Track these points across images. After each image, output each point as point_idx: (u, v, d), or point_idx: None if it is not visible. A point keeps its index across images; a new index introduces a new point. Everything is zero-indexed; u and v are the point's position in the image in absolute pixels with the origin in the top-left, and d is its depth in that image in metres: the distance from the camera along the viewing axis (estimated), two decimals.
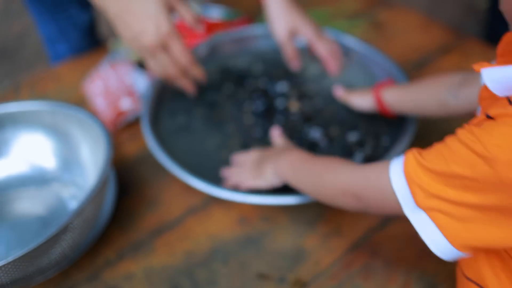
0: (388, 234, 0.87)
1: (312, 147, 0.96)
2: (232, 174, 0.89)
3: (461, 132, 0.51)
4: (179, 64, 0.91)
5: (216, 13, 1.33)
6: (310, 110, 1.03)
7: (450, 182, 0.51)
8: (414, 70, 1.19)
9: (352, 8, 1.36)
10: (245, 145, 0.98)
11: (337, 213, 0.90)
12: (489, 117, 0.49)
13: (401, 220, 0.58)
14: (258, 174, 0.85)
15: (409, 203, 0.56)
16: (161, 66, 0.91)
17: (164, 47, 0.89)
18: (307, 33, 1.05)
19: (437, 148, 0.54)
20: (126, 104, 1.05)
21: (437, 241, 0.54)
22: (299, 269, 0.83)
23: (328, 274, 0.82)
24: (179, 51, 0.90)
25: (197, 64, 0.95)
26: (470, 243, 0.52)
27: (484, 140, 0.48)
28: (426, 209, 0.54)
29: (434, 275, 0.81)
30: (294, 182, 0.80)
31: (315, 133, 0.98)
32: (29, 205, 0.90)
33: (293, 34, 1.05)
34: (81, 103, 1.12)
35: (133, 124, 1.07)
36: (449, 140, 0.53)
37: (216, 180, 0.90)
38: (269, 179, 0.84)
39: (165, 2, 0.86)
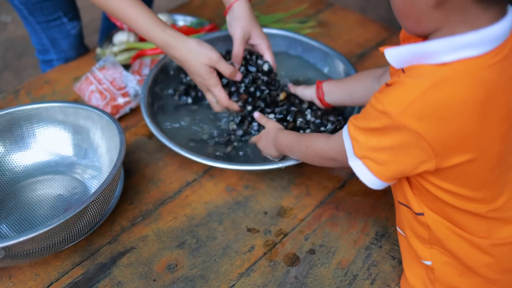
0: (348, 192, 1.10)
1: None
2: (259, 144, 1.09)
3: (371, 99, 0.74)
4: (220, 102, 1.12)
5: (185, 22, 1.53)
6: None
7: (370, 133, 0.74)
8: (356, 61, 1.42)
9: (302, 11, 1.59)
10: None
11: (306, 179, 1.12)
12: (387, 85, 0.72)
13: (357, 181, 0.79)
14: (269, 150, 1.06)
15: (351, 154, 0.78)
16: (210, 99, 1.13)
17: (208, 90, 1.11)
18: (260, 39, 1.22)
19: (362, 112, 0.76)
20: (120, 100, 1.23)
21: (369, 179, 0.76)
22: (280, 223, 1.04)
23: (303, 225, 1.04)
24: (217, 96, 1.11)
25: (233, 103, 1.13)
26: (390, 175, 0.75)
27: (383, 101, 0.70)
28: (361, 157, 0.76)
29: (385, 220, 1.04)
30: (289, 155, 1.02)
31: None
32: (54, 187, 1.07)
33: (247, 38, 1.23)
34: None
35: (126, 116, 1.25)
36: (367, 105, 0.75)
37: (206, 155, 1.09)
38: (275, 153, 1.05)
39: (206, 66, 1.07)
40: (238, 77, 1.13)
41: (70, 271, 0.96)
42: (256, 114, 1.13)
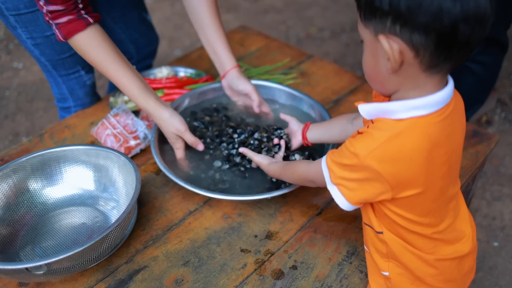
0: (324, 218, 1.31)
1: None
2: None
3: (346, 141, 0.96)
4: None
5: (185, 73, 1.76)
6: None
7: (343, 167, 0.95)
8: (332, 106, 1.66)
9: (285, 64, 1.83)
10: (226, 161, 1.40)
11: (289, 207, 1.33)
12: (359, 133, 0.95)
13: (332, 208, 0.99)
14: None
15: (328, 181, 1.00)
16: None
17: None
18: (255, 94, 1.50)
19: (338, 150, 0.98)
20: (132, 142, 1.45)
21: (342, 201, 0.98)
22: (268, 244, 1.25)
23: (287, 246, 1.25)
24: (176, 154, 1.39)
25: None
26: (357, 200, 0.96)
27: (354, 145, 0.92)
28: (336, 184, 0.98)
29: (355, 241, 1.26)
30: (278, 178, 1.24)
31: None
32: (78, 217, 1.29)
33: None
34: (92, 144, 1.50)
35: (137, 155, 1.47)
36: (343, 146, 0.97)
37: (205, 187, 1.30)
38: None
39: (175, 133, 1.37)
40: (200, 147, 1.39)
41: (94, 286, 1.16)
42: (242, 149, 1.36)
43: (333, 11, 1.53)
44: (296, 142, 1.38)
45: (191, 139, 1.37)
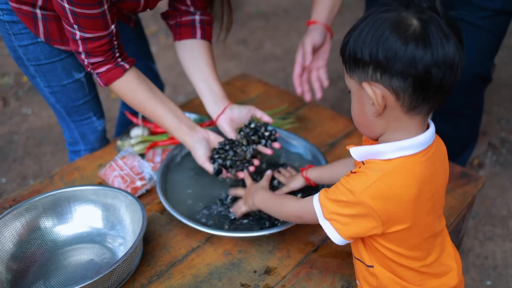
0: (320, 255, 1.38)
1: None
2: (235, 206, 1.41)
3: (341, 180, 1.04)
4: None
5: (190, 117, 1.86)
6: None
7: (337, 203, 1.03)
8: (328, 149, 1.75)
9: (283, 109, 1.94)
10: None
11: (287, 244, 1.40)
12: (352, 172, 1.04)
13: (327, 245, 1.05)
14: (246, 205, 1.37)
15: (321, 216, 1.08)
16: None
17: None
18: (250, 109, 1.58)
19: (333, 188, 1.06)
20: (138, 183, 1.54)
21: (334, 236, 1.05)
22: (267, 279, 1.32)
23: (285, 281, 1.31)
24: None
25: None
26: (350, 235, 1.04)
27: (349, 182, 1.01)
28: (329, 219, 1.05)
29: (349, 276, 1.32)
30: (264, 210, 1.31)
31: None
32: (87, 254, 1.36)
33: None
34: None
35: (143, 195, 1.55)
36: (338, 184, 1.06)
37: (209, 225, 1.38)
38: (250, 204, 1.35)
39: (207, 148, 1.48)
40: (224, 175, 1.48)
41: None
42: (241, 174, 1.46)
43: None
44: (297, 184, 1.46)
45: (210, 169, 1.46)
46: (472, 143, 2.15)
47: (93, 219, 1.41)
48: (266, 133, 1.52)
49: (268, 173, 1.47)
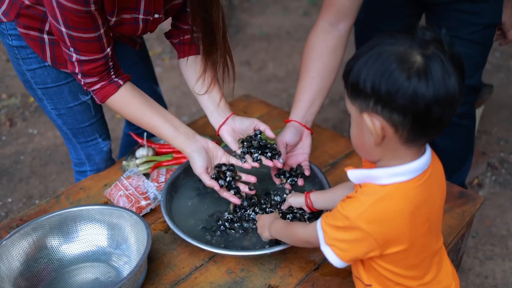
0: (321, 273, 1.41)
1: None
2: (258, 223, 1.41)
3: (338, 205, 1.06)
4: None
5: None
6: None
7: (336, 229, 1.06)
8: (329, 169, 1.78)
9: None
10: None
11: (288, 263, 1.43)
12: (348, 197, 1.06)
13: (328, 264, 1.08)
14: (263, 230, 1.38)
15: (322, 242, 1.10)
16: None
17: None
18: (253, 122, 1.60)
19: (331, 213, 1.09)
20: (143, 202, 1.57)
21: (335, 260, 1.07)
22: None
23: None
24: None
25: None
26: (349, 259, 1.06)
27: (344, 208, 1.03)
28: (329, 245, 1.07)
29: None
30: (278, 238, 1.33)
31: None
32: (92, 272, 1.39)
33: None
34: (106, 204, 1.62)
35: (147, 215, 1.59)
36: (335, 210, 1.08)
37: (212, 244, 1.41)
38: (266, 234, 1.37)
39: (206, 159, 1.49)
40: (216, 188, 1.49)
41: None
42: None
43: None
44: (296, 202, 1.49)
45: (207, 182, 1.48)
46: (470, 155, 2.20)
47: (99, 238, 1.44)
48: (269, 152, 1.55)
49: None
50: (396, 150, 1.00)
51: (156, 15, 1.49)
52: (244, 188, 1.52)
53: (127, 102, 1.48)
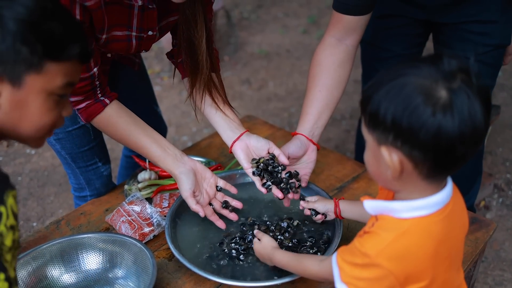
0: None
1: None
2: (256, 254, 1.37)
3: (355, 241, 1.02)
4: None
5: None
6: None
7: (354, 266, 1.00)
8: (336, 193, 1.74)
9: None
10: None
11: None
12: (365, 232, 1.01)
13: None
14: (265, 261, 1.34)
15: (337, 279, 1.04)
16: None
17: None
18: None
19: (349, 249, 1.03)
20: (146, 229, 1.52)
21: None
22: None
23: None
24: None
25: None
26: None
27: (363, 244, 0.98)
28: (346, 283, 1.02)
29: None
30: (285, 269, 1.28)
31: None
32: None
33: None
34: (108, 231, 1.57)
35: (150, 241, 1.53)
36: (352, 245, 1.03)
37: (218, 273, 1.36)
38: (270, 264, 1.33)
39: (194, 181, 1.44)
40: (201, 214, 1.45)
41: None
42: (256, 231, 1.42)
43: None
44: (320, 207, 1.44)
45: (192, 206, 1.44)
46: (479, 177, 2.16)
47: (101, 267, 1.39)
48: (285, 183, 1.52)
49: (255, 232, 1.42)
50: (415, 185, 0.96)
51: (150, 32, 1.46)
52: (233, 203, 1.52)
53: (113, 122, 1.46)
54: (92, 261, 1.39)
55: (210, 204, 1.51)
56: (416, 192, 0.96)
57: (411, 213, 0.96)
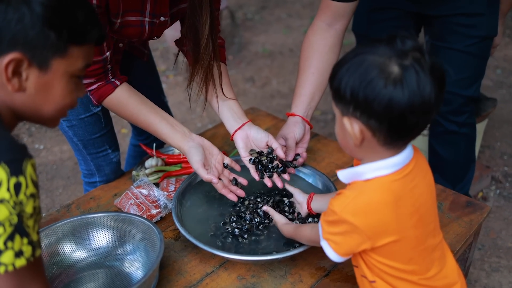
0: (331, 279, 1.42)
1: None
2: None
3: (329, 201, 1.11)
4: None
5: None
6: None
7: (329, 224, 1.11)
8: (337, 179, 1.80)
9: None
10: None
11: (299, 269, 1.44)
12: (337, 194, 1.10)
13: (338, 270, 1.11)
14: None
15: (321, 237, 1.14)
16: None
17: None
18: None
19: (326, 210, 1.12)
20: (153, 211, 1.58)
21: (331, 254, 1.12)
22: None
23: None
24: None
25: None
26: (344, 252, 1.10)
27: (332, 203, 1.08)
28: (326, 239, 1.12)
29: None
30: (293, 238, 1.38)
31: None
32: (106, 278, 1.40)
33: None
34: None
35: (157, 223, 1.60)
36: (329, 204, 1.12)
37: (222, 250, 1.42)
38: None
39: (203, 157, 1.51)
40: (215, 181, 1.50)
41: None
42: (265, 207, 1.51)
43: None
44: (303, 212, 1.52)
45: (204, 176, 1.49)
46: (472, 165, 2.23)
47: (111, 245, 1.46)
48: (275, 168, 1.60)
49: (265, 208, 1.51)
50: (376, 151, 1.06)
51: (162, 18, 1.52)
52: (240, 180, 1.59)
53: (124, 102, 1.52)
54: (102, 239, 1.46)
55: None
56: (377, 157, 1.07)
57: (373, 173, 1.07)
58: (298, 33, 4.70)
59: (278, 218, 1.45)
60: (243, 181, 1.58)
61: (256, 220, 1.51)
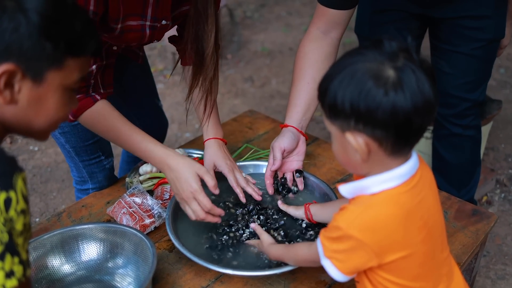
0: None
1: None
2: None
3: (332, 218, 1.04)
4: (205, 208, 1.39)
5: (197, 155, 1.86)
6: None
7: (332, 241, 1.04)
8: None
9: None
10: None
11: (298, 283, 1.38)
12: (341, 209, 1.04)
13: (339, 284, 1.04)
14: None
15: (322, 256, 1.07)
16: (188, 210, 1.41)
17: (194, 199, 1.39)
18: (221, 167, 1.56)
19: (328, 226, 1.06)
20: (147, 220, 1.52)
21: (335, 273, 1.04)
22: None
23: None
24: (201, 201, 1.38)
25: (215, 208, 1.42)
26: (349, 270, 1.04)
27: (337, 219, 1.02)
28: (328, 257, 1.05)
29: None
30: (281, 260, 1.31)
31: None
32: None
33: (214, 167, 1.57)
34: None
35: (151, 233, 1.54)
36: (332, 221, 1.05)
37: (219, 263, 1.36)
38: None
39: (196, 174, 1.39)
40: (217, 191, 1.42)
41: None
42: (253, 225, 1.44)
43: None
44: (297, 212, 1.48)
45: (213, 180, 1.41)
46: (478, 168, 2.18)
47: (102, 258, 1.39)
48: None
49: (253, 225, 1.44)
50: (382, 163, 1.00)
51: (164, 22, 1.46)
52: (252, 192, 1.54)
53: (105, 114, 1.43)
54: (92, 251, 1.40)
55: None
56: (384, 169, 1.01)
57: (379, 186, 1.01)
58: (298, 32, 4.63)
59: (265, 238, 1.37)
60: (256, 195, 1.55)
61: (247, 233, 1.46)
